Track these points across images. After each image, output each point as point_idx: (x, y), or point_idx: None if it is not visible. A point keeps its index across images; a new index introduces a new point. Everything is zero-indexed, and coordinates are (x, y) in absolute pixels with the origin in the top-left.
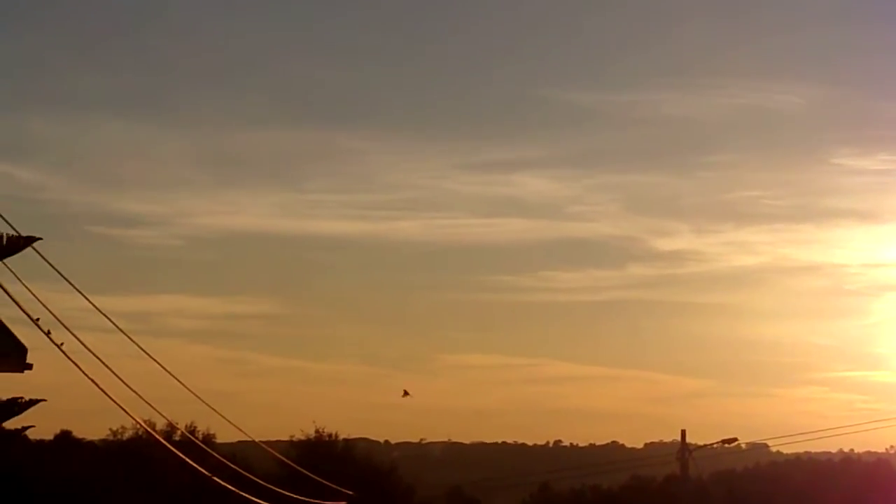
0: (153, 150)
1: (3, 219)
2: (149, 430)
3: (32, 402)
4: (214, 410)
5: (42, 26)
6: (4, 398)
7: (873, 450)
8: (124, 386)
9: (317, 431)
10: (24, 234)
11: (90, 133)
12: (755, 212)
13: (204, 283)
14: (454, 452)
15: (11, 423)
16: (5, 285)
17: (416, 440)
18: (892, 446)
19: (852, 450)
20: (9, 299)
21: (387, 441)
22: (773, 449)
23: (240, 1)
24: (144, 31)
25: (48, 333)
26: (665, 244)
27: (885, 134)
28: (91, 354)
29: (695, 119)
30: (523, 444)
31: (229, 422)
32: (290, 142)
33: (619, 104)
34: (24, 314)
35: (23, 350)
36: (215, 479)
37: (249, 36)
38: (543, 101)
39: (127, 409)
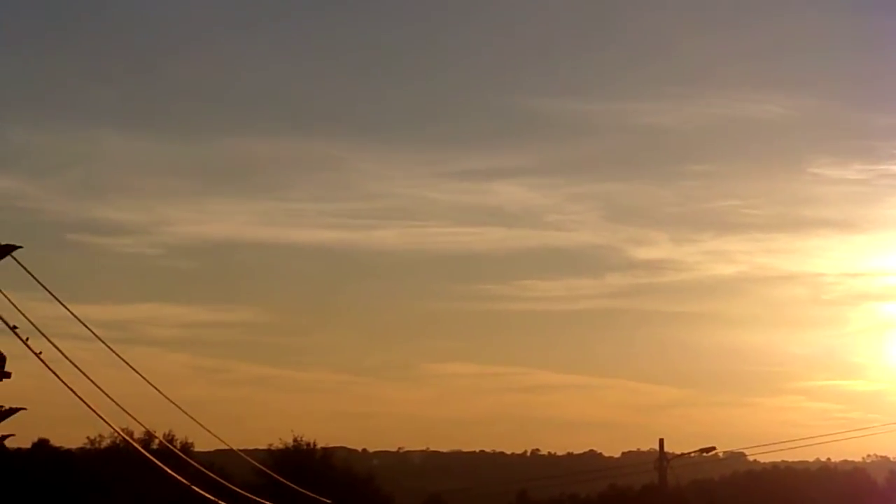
0: (133, 159)
1: None
2: (126, 438)
3: (12, 411)
4: (192, 419)
5: (22, 35)
6: None
7: (850, 459)
8: (102, 394)
9: (295, 440)
10: (2, 242)
11: (70, 141)
12: (733, 221)
13: (183, 292)
14: (432, 461)
15: None
16: None
17: (394, 449)
18: (868, 455)
19: (829, 459)
20: None
21: (365, 449)
22: (751, 458)
23: (221, 12)
24: (126, 41)
25: (26, 341)
26: (643, 253)
27: (861, 144)
28: (69, 363)
29: (674, 128)
30: (501, 453)
31: (207, 430)
32: (270, 150)
33: (599, 114)
34: (2, 322)
35: (1, 358)
36: (193, 487)
37: (231, 45)
38: (523, 110)
39: (105, 418)
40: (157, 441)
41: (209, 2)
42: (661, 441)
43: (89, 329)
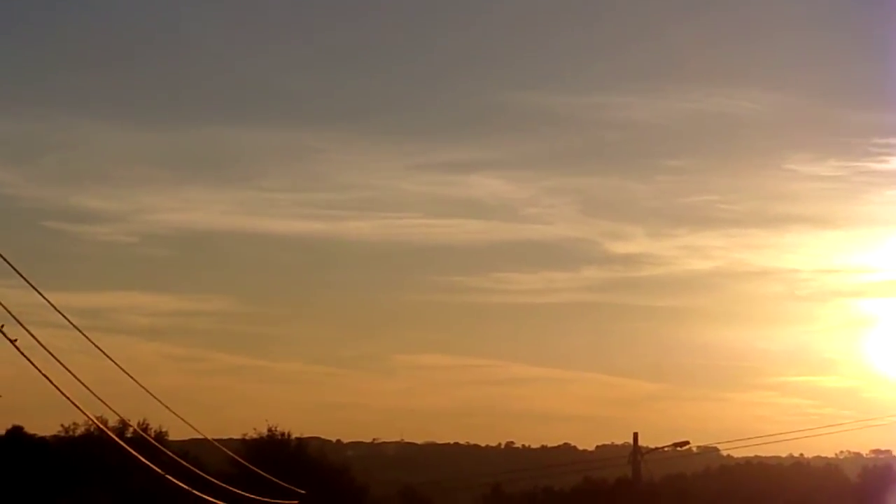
0: (110, 147)
1: None
2: (101, 426)
3: None
4: (167, 407)
5: (4, 25)
6: None
7: (823, 455)
8: (77, 382)
9: (269, 430)
10: None
11: (47, 128)
12: (710, 216)
13: (159, 280)
14: (407, 452)
15: None
16: None
17: (368, 440)
18: (841, 451)
19: (802, 454)
20: None
21: (339, 440)
22: (724, 453)
23: (200, 1)
24: (102, 28)
25: (1, 328)
26: (620, 247)
27: (837, 140)
28: (44, 350)
29: (652, 123)
30: (476, 445)
31: (182, 419)
32: (247, 140)
33: (576, 107)
34: None
35: None
36: (167, 476)
37: (209, 35)
38: (501, 104)
39: (79, 406)
40: (131, 430)
41: None
42: (636, 435)
43: (64, 317)
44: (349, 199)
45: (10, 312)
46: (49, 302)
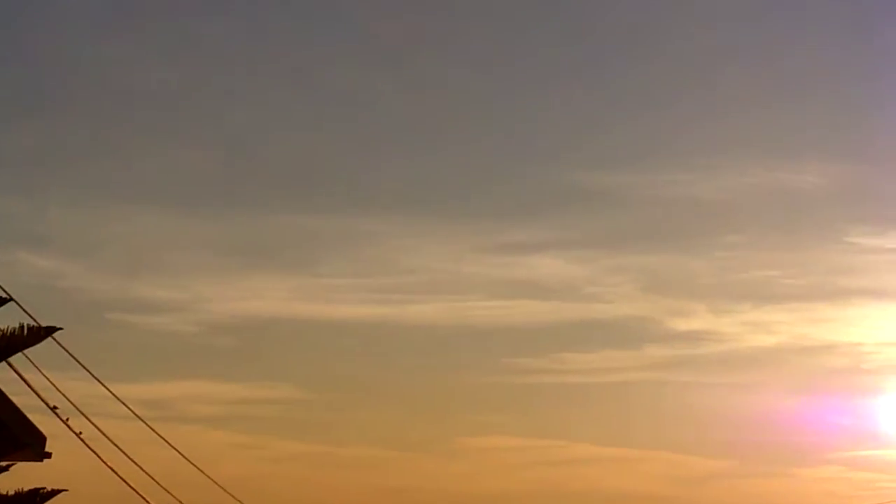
0: (170, 237)
1: (24, 310)
2: None
3: (54, 493)
4: (232, 496)
5: (59, 113)
6: (25, 489)
7: None
8: (143, 473)
9: None
10: (41, 321)
11: (108, 220)
12: (772, 291)
13: (222, 369)
14: None
15: None
16: (23, 373)
17: None
18: None
19: None
20: (27, 388)
21: None
22: None
23: (251, 87)
24: (160, 120)
25: (66, 421)
26: (682, 324)
27: None
28: (109, 442)
29: (711, 199)
30: None
31: None
32: (306, 226)
33: (635, 185)
34: (42, 403)
35: (42, 439)
36: None
37: (262, 121)
38: (559, 183)
39: (145, 496)
40: None
41: (247, 79)
42: None
43: (128, 408)
44: (409, 283)
45: (74, 405)
46: (113, 393)
